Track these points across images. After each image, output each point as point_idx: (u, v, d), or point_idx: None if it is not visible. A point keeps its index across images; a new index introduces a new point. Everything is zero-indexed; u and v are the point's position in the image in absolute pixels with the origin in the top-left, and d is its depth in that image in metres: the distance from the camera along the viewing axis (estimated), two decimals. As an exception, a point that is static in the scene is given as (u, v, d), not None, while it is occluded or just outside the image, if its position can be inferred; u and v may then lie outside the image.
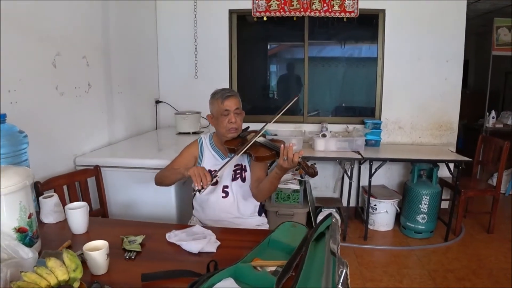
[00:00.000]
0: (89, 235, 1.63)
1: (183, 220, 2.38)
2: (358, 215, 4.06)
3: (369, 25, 3.93)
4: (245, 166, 2.08)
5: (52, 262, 1.14)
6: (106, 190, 2.48)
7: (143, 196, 2.48)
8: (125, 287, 1.22)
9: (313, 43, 4.04)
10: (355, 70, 4.17)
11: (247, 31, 4.13)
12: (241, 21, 4.06)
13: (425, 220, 3.49)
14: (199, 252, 1.42)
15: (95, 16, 2.79)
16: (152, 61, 3.98)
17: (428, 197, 3.44)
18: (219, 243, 1.48)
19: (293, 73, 4.31)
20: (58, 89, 2.36)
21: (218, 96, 1.99)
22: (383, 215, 3.68)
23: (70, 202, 2.15)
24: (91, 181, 2.39)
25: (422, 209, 3.47)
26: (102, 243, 1.31)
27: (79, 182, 2.26)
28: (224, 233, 1.64)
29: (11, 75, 1.99)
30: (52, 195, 1.77)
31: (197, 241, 1.45)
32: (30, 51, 2.12)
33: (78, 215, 1.61)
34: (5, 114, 1.74)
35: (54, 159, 2.36)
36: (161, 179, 2.02)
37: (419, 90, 3.84)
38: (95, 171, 2.36)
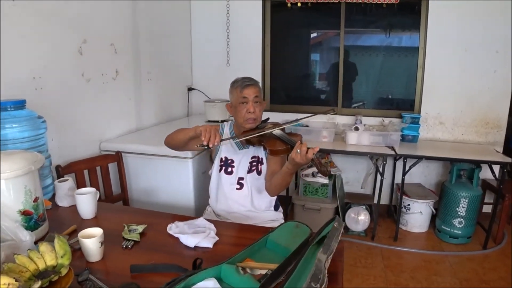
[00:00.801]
0: (97, 220, 1.66)
1: (201, 209, 2.37)
2: (390, 213, 3.89)
3: (411, 11, 3.68)
4: (261, 158, 2.02)
5: (43, 247, 1.16)
6: (128, 176, 2.53)
7: (164, 184, 2.50)
8: (115, 276, 1.22)
9: (350, 31, 3.86)
10: (394, 60, 3.94)
11: (281, 18, 4.01)
12: (274, 8, 3.95)
13: (462, 225, 3.26)
14: (195, 247, 1.39)
15: (124, 2, 2.81)
16: (185, 48, 3.99)
17: (467, 200, 3.21)
18: (217, 238, 1.44)
19: (330, 62, 4.15)
20: (84, 76, 2.41)
21: (237, 84, 1.94)
22: (417, 215, 3.49)
23: (91, 186, 2.22)
24: (113, 167, 2.44)
25: (459, 213, 3.25)
26: (97, 231, 1.32)
27: (100, 167, 2.30)
28: (227, 228, 1.60)
29: (35, 61, 2.05)
30: (67, 179, 1.81)
31: (194, 235, 1.42)
32: (56, 38, 2.17)
33: (86, 201, 1.63)
34: (25, 100, 1.79)
35: (80, 144, 2.42)
36: (172, 139, 1.96)
37: (464, 83, 3.56)
38: (117, 156, 2.40)
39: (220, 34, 3.97)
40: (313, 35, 4.26)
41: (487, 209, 3.62)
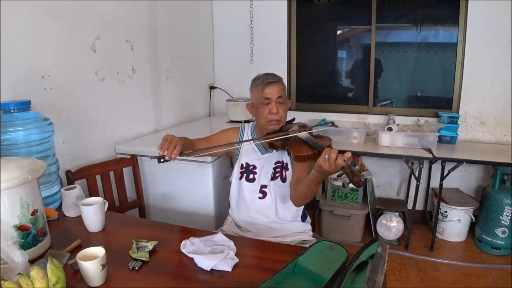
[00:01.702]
0: (104, 233, 1.51)
1: (221, 216, 2.19)
2: (426, 220, 3.61)
3: (448, 3, 3.40)
4: (286, 163, 1.82)
5: (34, 272, 1.00)
6: (145, 180, 2.38)
7: (182, 189, 2.34)
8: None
9: (381, 26, 3.60)
10: (430, 55, 3.65)
11: (308, 13, 3.79)
12: (301, 1, 3.72)
13: (506, 235, 2.97)
14: (211, 270, 1.21)
15: (141, -5, 2.66)
16: (207, 45, 3.81)
17: (511, 208, 2.92)
18: (237, 260, 1.25)
19: (360, 59, 3.89)
20: (98, 75, 2.27)
21: (258, 82, 1.75)
22: (454, 223, 3.21)
23: (104, 192, 2.08)
24: (128, 171, 2.30)
25: (503, 221, 2.96)
26: (99, 251, 1.15)
27: (114, 172, 2.16)
28: (249, 246, 1.42)
29: (44, 60, 1.92)
30: (75, 187, 1.66)
31: (211, 257, 1.24)
32: (66, 34, 2.03)
33: (92, 212, 1.48)
34: (30, 100, 1.66)
35: (93, 147, 2.28)
36: None
37: (508, 79, 3.24)
38: (132, 160, 2.25)
39: (243, 29, 3.77)
40: (341, 30, 4.01)
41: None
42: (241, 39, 3.80)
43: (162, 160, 1.42)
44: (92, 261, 1.09)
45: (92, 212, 1.47)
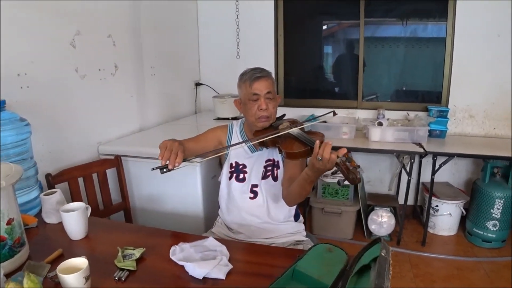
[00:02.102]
0: (88, 241, 1.42)
1: (211, 218, 2.11)
2: (416, 215, 3.59)
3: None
4: (277, 161, 1.75)
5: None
6: (130, 182, 2.28)
7: (169, 190, 2.25)
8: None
9: (370, 21, 3.55)
10: (419, 50, 3.61)
11: (295, 7, 3.71)
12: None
13: (497, 228, 2.96)
14: (204, 278, 1.13)
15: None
16: (192, 40, 3.71)
17: (502, 201, 2.91)
18: (230, 267, 1.18)
19: (349, 53, 3.84)
20: (78, 72, 2.16)
21: (246, 77, 1.66)
22: (445, 217, 3.19)
23: (87, 195, 1.98)
24: (113, 173, 2.20)
25: (494, 215, 2.95)
26: (81, 262, 1.06)
27: (97, 174, 2.05)
28: (242, 251, 1.35)
29: (19, 56, 1.80)
30: (55, 191, 1.56)
31: (202, 264, 1.16)
32: (44, 29, 1.92)
33: (74, 218, 1.39)
34: (4, 100, 1.55)
35: (75, 148, 2.17)
36: None
37: (497, 72, 3.23)
38: (116, 161, 2.15)
39: (229, 24, 3.68)
40: (329, 25, 3.95)
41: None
42: (227, 34, 3.71)
43: (165, 170, 1.32)
44: (73, 274, 1.01)
45: (74, 219, 1.38)
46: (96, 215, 1.98)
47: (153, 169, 1.32)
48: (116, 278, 1.14)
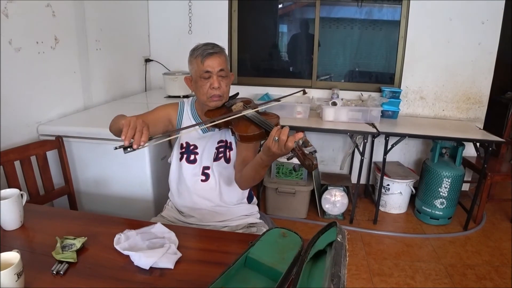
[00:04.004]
0: (24, 231, 1.29)
1: (161, 201, 2.01)
2: (368, 194, 3.68)
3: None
4: (230, 143, 1.67)
5: None
6: (74, 164, 2.14)
7: (116, 172, 2.13)
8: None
9: (326, 2, 3.51)
10: (373, 31, 3.64)
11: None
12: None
13: (444, 206, 3.09)
14: (150, 268, 1.06)
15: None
16: (142, 14, 3.50)
17: (449, 180, 3.02)
18: (179, 255, 1.11)
19: (304, 33, 3.79)
20: (12, 44, 1.95)
21: (198, 53, 1.54)
22: (396, 196, 3.29)
23: (25, 180, 1.83)
24: (54, 155, 2.04)
25: (441, 193, 3.07)
26: (13, 257, 0.95)
27: (36, 156, 1.89)
28: (192, 237, 1.28)
29: None
30: (-16, 177, 1.41)
31: (149, 253, 1.08)
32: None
33: (7, 207, 1.25)
34: None
35: (11, 128, 1.97)
36: (111, 127, 1.56)
37: (447, 55, 3.32)
38: (57, 142, 1.98)
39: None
40: (284, 4, 3.86)
41: (464, 187, 3.46)
42: (179, 8, 3.53)
43: (129, 149, 1.19)
44: (4, 270, 0.90)
45: (7, 207, 1.24)
46: (37, 201, 1.84)
47: (115, 148, 1.19)
48: (54, 272, 1.03)
